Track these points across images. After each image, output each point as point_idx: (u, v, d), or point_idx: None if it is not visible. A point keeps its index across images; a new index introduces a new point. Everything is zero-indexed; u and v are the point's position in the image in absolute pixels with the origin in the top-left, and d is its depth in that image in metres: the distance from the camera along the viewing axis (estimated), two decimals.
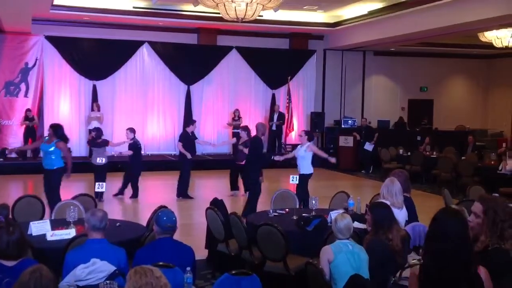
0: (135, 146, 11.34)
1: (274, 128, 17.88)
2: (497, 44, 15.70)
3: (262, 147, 10.11)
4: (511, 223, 3.41)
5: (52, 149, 8.33)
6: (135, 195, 11.46)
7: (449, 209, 3.20)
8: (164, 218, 4.37)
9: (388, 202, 5.25)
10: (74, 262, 3.95)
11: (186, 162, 11.47)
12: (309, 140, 9.56)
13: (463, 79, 22.23)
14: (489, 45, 16.52)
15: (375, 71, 20.39)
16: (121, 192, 11.51)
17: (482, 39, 15.97)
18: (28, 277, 2.74)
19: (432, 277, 3.04)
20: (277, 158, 10.59)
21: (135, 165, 11.46)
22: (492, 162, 12.91)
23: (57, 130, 8.47)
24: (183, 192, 11.53)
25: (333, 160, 10.19)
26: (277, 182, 12.94)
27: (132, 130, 11.52)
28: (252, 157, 9.82)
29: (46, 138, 8.66)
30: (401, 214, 5.39)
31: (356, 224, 5.27)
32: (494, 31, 15.16)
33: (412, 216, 5.76)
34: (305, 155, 9.36)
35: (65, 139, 8.56)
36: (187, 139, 11.67)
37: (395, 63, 20.52)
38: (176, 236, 4.52)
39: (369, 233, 4.68)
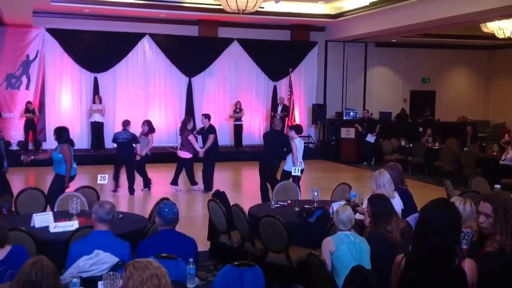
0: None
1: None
2: (499, 34, 15.64)
3: (279, 139, 9.97)
4: None
5: (60, 156, 7.65)
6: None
7: (439, 200, 3.20)
8: (166, 210, 4.38)
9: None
10: (78, 254, 3.97)
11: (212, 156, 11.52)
12: (297, 133, 9.45)
13: (465, 70, 22.17)
14: (492, 36, 16.46)
15: (377, 62, 20.33)
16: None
17: (484, 30, 15.92)
18: (30, 269, 2.74)
19: (414, 265, 3.07)
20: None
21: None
22: (494, 153, 12.89)
23: (61, 134, 7.81)
24: (208, 184, 11.45)
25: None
26: (279, 174, 12.91)
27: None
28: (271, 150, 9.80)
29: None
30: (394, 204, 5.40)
31: (358, 216, 5.28)
32: (496, 21, 15.10)
33: (411, 208, 5.75)
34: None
35: (70, 142, 7.85)
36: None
37: (397, 54, 20.46)
38: (178, 228, 4.53)
39: (369, 226, 4.70)
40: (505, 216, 3.36)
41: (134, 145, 11.04)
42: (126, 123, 11.27)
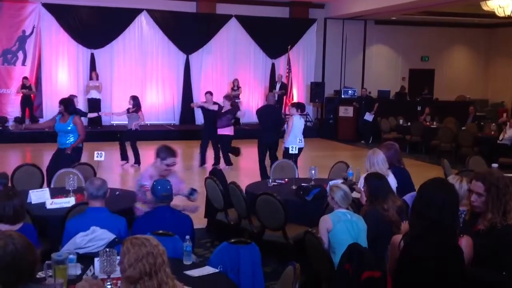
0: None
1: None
2: (500, 13, 15.47)
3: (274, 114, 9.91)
4: (511, 194, 3.42)
5: (70, 127, 7.60)
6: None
7: (436, 179, 3.20)
8: (159, 188, 4.40)
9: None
10: (74, 230, 3.96)
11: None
12: (301, 113, 9.37)
13: (465, 48, 22.05)
14: (492, 14, 16.30)
15: (376, 40, 20.20)
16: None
17: (485, 8, 15.75)
18: (2, 252, 2.54)
19: (413, 244, 3.07)
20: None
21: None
22: (492, 133, 12.89)
23: (68, 105, 7.75)
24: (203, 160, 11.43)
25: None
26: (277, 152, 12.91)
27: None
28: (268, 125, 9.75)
29: (59, 116, 7.78)
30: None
31: (355, 194, 5.28)
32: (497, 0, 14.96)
33: (409, 187, 5.76)
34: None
35: (77, 113, 8.03)
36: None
37: (396, 32, 20.32)
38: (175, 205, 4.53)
39: (365, 204, 4.70)
40: (497, 195, 3.37)
41: None
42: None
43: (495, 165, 7.65)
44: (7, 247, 2.53)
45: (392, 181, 5.45)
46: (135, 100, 11.46)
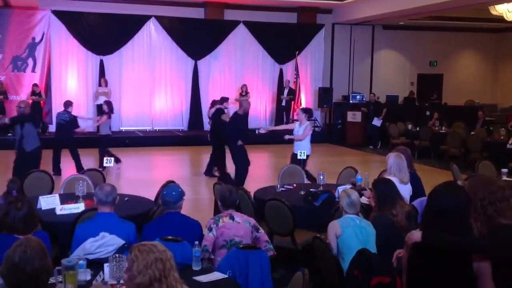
0: None
1: (283, 103, 17.81)
2: (508, 17, 15.42)
3: (239, 123, 9.85)
4: (490, 200, 3.16)
5: None
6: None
7: (446, 184, 3.16)
8: (164, 193, 4.47)
9: (396, 178, 5.25)
10: (84, 236, 3.98)
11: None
12: (308, 118, 9.25)
13: (473, 53, 21.97)
14: (500, 19, 16.25)
15: (384, 45, 20.18)
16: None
17: (493, 12, 15.70)
18: (13, 251, 2.68)
19: (424, 251, 3.04)
20: (262, 131, 9.79)
21: None
22: (502, 137, 12.81)
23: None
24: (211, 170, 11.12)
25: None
26: (285, 158, 12.90)
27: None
28: (232, 133, 9.75)
29: None
30: (407, 190, 5.40)
31: (363, 200, 5.28)
32: (505, 4, 14.89)
33: (419, 192, 5.75)
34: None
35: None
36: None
37: (404, 37, 20.28)
38: (185, 211, 4.54)
39: (374, 210, 4.69)
40: (475, 200, 3.18)
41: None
42: (67, 104, 10.88)
43: (504, 170, 7.60)
44: (19, 247, 2.62)
45: (409, 189, 5.46)
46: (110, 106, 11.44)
